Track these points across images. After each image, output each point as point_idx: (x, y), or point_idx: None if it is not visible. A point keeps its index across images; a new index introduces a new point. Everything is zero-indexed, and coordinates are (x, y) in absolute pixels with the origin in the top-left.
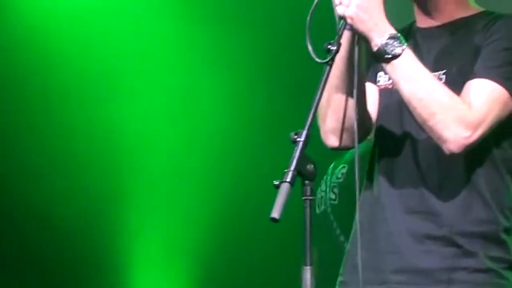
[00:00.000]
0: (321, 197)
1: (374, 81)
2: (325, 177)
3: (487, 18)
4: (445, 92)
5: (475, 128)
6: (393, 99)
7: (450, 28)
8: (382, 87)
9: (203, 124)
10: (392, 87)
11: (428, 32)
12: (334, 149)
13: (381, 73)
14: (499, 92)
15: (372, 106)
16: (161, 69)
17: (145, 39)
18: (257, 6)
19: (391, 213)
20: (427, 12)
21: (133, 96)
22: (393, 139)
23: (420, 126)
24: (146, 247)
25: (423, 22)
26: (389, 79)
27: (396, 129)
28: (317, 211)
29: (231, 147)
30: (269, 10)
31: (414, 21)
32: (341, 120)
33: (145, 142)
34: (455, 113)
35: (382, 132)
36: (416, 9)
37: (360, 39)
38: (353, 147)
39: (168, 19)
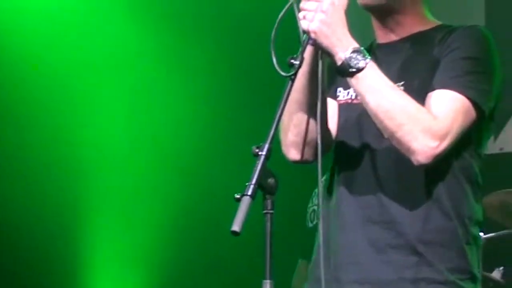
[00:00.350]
0: (313, 210)
1: (334, 97)
2: (316, 190)
3: (444, 30)
4: (411, 103)
5: (443, 138)
6: (352, 114)
7: (409, 42)
8: (342, 102)
9: (163, 136)
10: (352, 102)
11: (388, 47)
12: (295, 162)
13: (340, 88)
14: (462, 101)
15: (332, 121)
16: (117, 78)
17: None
18: (221, 17)
19: (351, 224)
20: (387, 27)
21: (90, 105)
22: (353, 152)
23: (387, 138)
24: (103, 257)
25: (383, 37)
26: (348, 94)
27: (355, 143)
28: (310, 225)
29: (192, 159)
30: (233, 21)
31: (374, 40)
32: (302, 134)
33: (102, 152)
34: (422, 123)
35: (341, 146)
36: (376, 25)
37: (323, 54)
38: (314, 161)
39: (125, 27)
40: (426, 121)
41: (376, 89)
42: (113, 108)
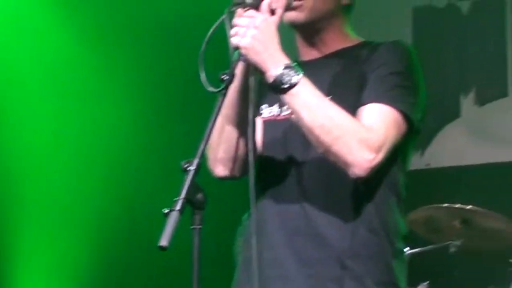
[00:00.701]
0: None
1: (257, 114)
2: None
3: (368, 47)
4: (346, 117)
5: (378, 151)
6: (277, 130)
7: (333, 59)
8: (266, 119)
9: (92, 146)
10: (276, 119)
11: (313, 63)
12: (221, 178)
13: (264, 106)
14: (393, 114)
15: (257, 138)
16: (45, 85)
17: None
18: (157, 26)
19: (277, 238)
20: (312, 44)
21: (23, 118)
22: (278, 168)
23: (315, 153)
24: (27, 269)
25: (307, 54)
26: (272, 111)
27: (281, 159)
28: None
29: (122, 174)
30: (169, 32)
31: (297, 58)
32: (232, 150)
33: (27, 159)
34: (358, 136)
35: (266, 163)
36: (300, 43)
37: (255, 70)
38: (240, 177)
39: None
40: (362, 134)
41: (310, 105)
42: (39, 116)
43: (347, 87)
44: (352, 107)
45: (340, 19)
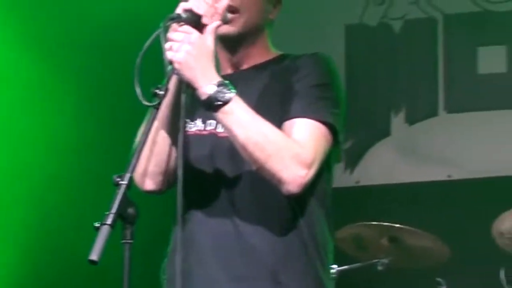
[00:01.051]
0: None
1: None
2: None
3: (288, 60)
4: (279, 134)
5: (310, 166)
6: (203, 145)
7: (256, 72)
8: (191, 133)
9: (22, 162)
10: (201, 133)
11: (236, 77)
12: (148, 192)
13: (187, 120)
14: (320, 127)
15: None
16: None
17: None
18: (93, 39)
19: (208, 255)
20: (236, 58)
21: None
22: (206, 183)
23: (245, 168)
24: None
25: (229, 68)
26: (195, 125)
27: (208, 173)
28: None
29: (52, 187)
30: (100, 47)
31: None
32: (161, 164)
33: None
34: (291, 152)
35: (193, 177)
36: (224, 56)
37: (187, 85)
38: (165, 191)
39: None
40: (295, 150)
41: (243, 122)
42: None
43: (271, 100)
44: (277, 121)
45: (265, 33)
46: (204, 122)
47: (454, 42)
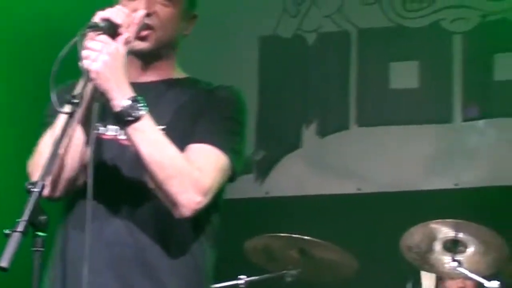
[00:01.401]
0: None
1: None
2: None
3: (200, 84)
4: (182, 158)
5: (206, 194)
6: (107, 150)
7: (165, 86)
8: (106, 137)
9: None
10: (101, 137)
11: (144, 87)
12: (48, 199)
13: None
14: (223, 160)
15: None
16: None
17: None
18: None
19: (102, 262)
20: (146, 69)
21: None
22: (108, 191)
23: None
24: None
25: (137, 75)
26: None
27: (111, 182)
28: None
29: None
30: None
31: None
32: (65, 171)
33: None
34: (190, 177)
35: (96, 183)
36: (134, 63)
37: (101, 95)
38: (60, 199)
39: None
40: (195, 176)
41: (150, 141)
42: None
43: (183, 119)
44: (182, 140)
45: (176, 50)
46: (105, 126)
47: (367, 56)
